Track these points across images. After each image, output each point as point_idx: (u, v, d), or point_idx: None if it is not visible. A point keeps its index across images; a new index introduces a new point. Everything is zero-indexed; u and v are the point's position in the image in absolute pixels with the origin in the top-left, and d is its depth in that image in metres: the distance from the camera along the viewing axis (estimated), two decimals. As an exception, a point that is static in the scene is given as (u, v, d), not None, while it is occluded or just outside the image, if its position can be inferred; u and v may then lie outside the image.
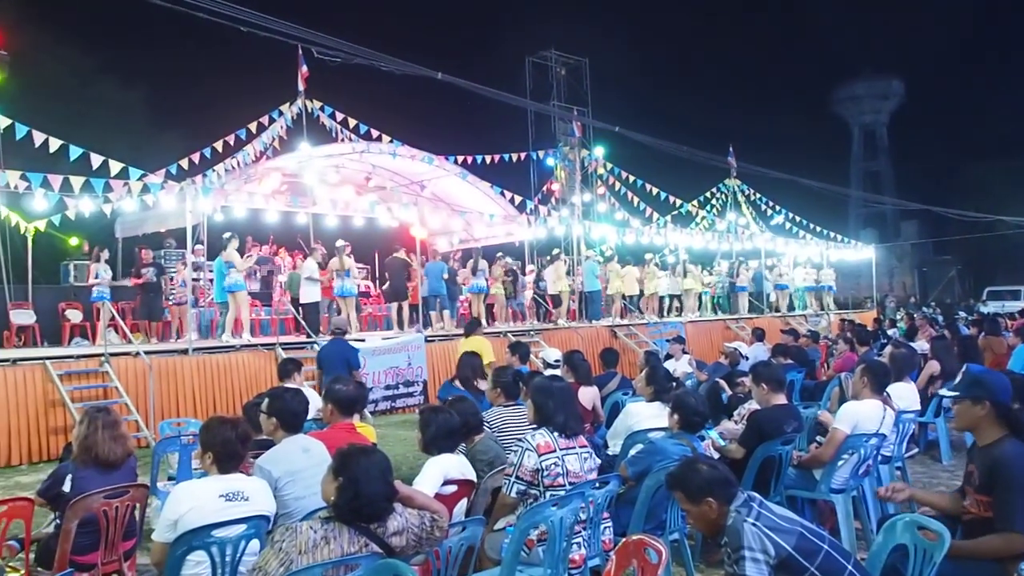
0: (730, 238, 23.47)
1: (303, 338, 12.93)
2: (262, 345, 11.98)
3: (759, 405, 5.50)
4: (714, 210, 24.46)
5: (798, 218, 25.97)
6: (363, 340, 12.89)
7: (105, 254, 13.45)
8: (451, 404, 4.84)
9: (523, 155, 19.30)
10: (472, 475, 4.25)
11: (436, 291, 15.32)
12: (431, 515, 3.24)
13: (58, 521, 4.19)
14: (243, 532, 3.46)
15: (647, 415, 5.49)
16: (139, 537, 4.47)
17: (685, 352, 11.12)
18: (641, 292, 19.98)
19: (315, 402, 6.19)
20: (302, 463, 3.98)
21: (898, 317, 24.60)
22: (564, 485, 4.00)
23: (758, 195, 25.74)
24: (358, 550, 2.96)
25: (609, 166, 22.02)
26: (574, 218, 20.16)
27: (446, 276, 15.51)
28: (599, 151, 25.05)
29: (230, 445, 3.65)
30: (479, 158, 16.92)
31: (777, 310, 23.55)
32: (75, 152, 10.70)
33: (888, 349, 7.07)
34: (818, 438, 5.57)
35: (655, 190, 21.19)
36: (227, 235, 12.86)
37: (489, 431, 4.98)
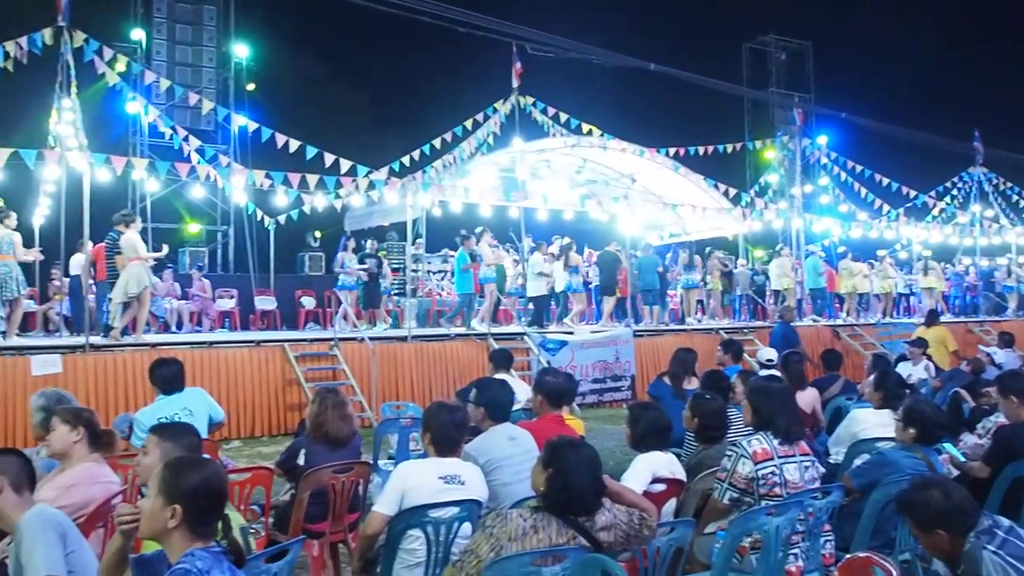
0: (974, 232, 21.21)
1: (513, 328, 13.24)
2: (475, 335, 12.42)
3: (1007, 419, 4.94)
4: (955, 202, 22.23)
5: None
6: (571, 333, 13.01)
7: (352, 243, 14.28)
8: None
9: (739, 145, 18.56)
10: (682, 475, 4.13)
11: (650, 285, 15.14)
12: (640, 513, 3.17)
13: (293, 491, 4.55)
14: (456, 514, 3.60)
15: (875, 423, 5.08)
16: (362, 510, 4.74)
17: (926, 355, 10.01)
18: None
19: (524, 392, 6.31)
20: (508, 451, 4.06)
21: None
22: (781, 496, 3.76)
23: (1009, 184, 23.07)
24: (566, 542, 2.95)
25: (833, 155, 20.67)
26: (793, 211, 19.12)
27: (660, 270, 15.29)
28: (822, 140, 23.62)
29: (445, 429, 3.83)
30: (692, 150, 16.50)
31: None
32: (311, 152, 11.62)
33: None
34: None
35: (885, 180, 19.61)
36: (479, 229, 13.49)
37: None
